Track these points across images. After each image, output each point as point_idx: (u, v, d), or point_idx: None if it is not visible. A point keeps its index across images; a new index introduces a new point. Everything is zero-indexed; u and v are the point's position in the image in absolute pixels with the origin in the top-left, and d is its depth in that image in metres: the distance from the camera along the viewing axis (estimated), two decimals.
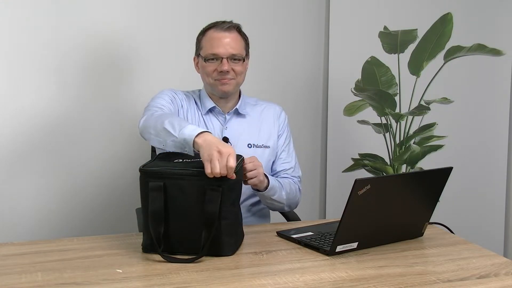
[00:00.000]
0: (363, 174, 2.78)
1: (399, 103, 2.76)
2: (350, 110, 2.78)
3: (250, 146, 1.98)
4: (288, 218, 2.09)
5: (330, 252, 1.53)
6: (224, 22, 1.93)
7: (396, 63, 2.74)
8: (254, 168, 1.77)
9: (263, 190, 1.85)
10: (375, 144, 2.79)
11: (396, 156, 2.80)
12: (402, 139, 2.79)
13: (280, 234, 1.72)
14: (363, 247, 1.58)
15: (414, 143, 2.79)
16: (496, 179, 2.80)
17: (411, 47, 2.73)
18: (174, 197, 1.50)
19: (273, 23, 2.69)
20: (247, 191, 1.89)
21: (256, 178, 1.78)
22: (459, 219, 2.51)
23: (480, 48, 2.72)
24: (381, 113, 2.77)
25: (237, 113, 2.00)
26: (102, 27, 2.43)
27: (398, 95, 2.75)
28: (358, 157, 2.80)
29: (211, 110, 1.99)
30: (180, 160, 1.57)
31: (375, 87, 2.75)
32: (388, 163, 2.80)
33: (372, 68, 2.74)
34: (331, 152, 2.81)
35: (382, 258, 1.53)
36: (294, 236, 1.68)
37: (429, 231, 1.74)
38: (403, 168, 2.80)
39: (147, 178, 1.51)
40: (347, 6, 2.73)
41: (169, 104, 1.90)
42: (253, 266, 1.47)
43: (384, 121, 2.78)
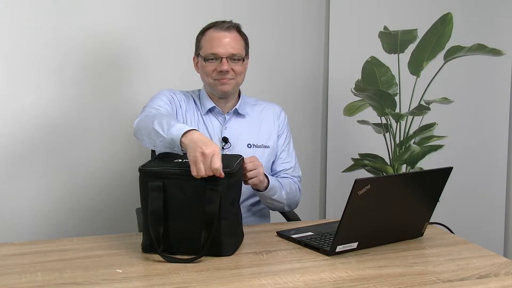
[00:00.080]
0: (363, 174, 2.78)
1: (399, 103, 2.76)
2: (350, 110, 2.78)
3: (249, 146, 1.98)
4: (288, 218, 2.09)
5: (330, 252, 1.53)
6: (224, 22, 1.93)
7: (396, 63, 2.74)
8: (254, 168, 1.77)
9: (263, 190, 1.85)
10: (375, 144, 2.79)
11: (396, 156, 2.80)
12: (402, 139, 2.79)
13: (280, 234, 1.72)
14: (363, 247, 1.58)
15: (414, 143, 2.79)
16: (496, 179, 2.80)
17: (411, 47, 2.73)
18: (174, 197, 1.50)
19: (273, 23, 2.69)
20: (247, 191, 1.89)
21: (256, 178, 1.78)
22: (459, 219, 2.51)
23: (480, 48, 2.72)
24: (381, 113, 2.77)
25: (236, 113, 2.00)
26: (102, 27, 2.43)
27: (398, 95, 2.75)
28: (358, 157, 2.80)
29: (210, 110, 1.99)
30: (180, 160, 1.57)
31: (375, 87, 2.75)
32: (388, 163, 2.80)
33: (372, 68, 2.74)
34: (331, 152, 2.81)
35: (382, 258, 1.53)
36: (294, 236, 1.68)
37: (429, 231, 1.74)
38: (403, 168, 2.80)
39: (147, 178, 1.51)
40: (347, 6, 2.73)
41: (166, 105, 1.89)
42: (253, 266, 1.47)
43: (384, 121, 2.78)
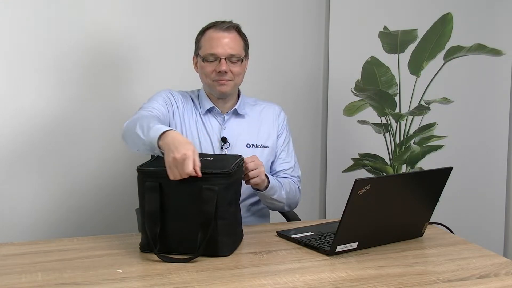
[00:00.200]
0: (363, 174, 2.78)
1: (399, 103, 2.76)
2: (350, 110, 2.78)
3: (249, 146, 1.98)
4: (288, 218, 2.09)
5: (330, 252, 1.53)
6: (223, 22, 1.92)
7: (396, 63, 2.74)
8: (256, 167, 1.77)
9: (263, 189, 1.85)
10: (375, 144, 2.79)
11: (396, 156, 2.80)
12: (402, 139, 2.79)
13: (280, 234, 1.72)
14: (363, 247, 1.58)
15: (414, 143, 2.79)
16: (496, 179, 2.80)
17: (411, 47, 2.73)
18: (171, 197, 1.49)
19: (273, 23, 2.69)
20: (246, 190, 1.89)
21: (258, 177, 1.78)
22: (459, 219, 2.51)
23: (480, 48, 2.72)
24: (381, 113, 2.77)
25: (236, 113, 2.00)
26: (102, 27, 2.43)
27: (398, 95, 2.75)
28: (358, 157, 2.80)
29: (209, 111, 1.99)
30: None
31: (375, 87, 2.75)
32: (388, 163, 2.80)
33: (372, 68, 2.74)
34: (331, 152, 2.81)
35: (382, 258, 1.53)
36: (294, 236, 1.68)
37: (429, 231, 1.74)
38: (403, 168, 2.80)
39: (144, 177, 1.51)
40: (347, 6, 2.72)
41: (162, 107, 1.90)
42: (253, 266, 1.47)
43: (384, 121, 2.78)
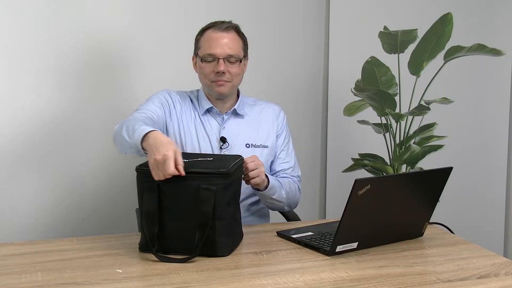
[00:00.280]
0: (363, 174, 2.78)
1: (399, 103, 2.76)
2: (350, 110, 2.78)
3: (248, 146, 1.97)
4: (288, 218, 2.09)
5: (330, 252, 1.53)
6: (223, 22, 1.92)
7: (396, 63, 2.74)
8: (256, 167, 1.77)
9: (263, 189, 1.85)
10: (375, 144, 2.79)
11: (396, 156, 2.80)
12: (402, 139, 2.79)
13: (280, 234, 1.72)
14: (363, 247, 1.58)
15: (414, 143, 2.79)
16: (496, 179, 2.80)
17: (411, 47, 2.73)
18: (169, 197, 1.49)
19: (273, 23, 2.69)
20: (246, 190, 1.89)
21: (258, 177, 1.78)
22: (459, 219, 2.51)
23: (480, 48, 2.72)
24: (381, 113, 2.77)
25: (235, 113, 2.00)
26: (102, 27, 2.43)
27: (398, 95, 2.75)
28: (358, 157, 2.80)
29: (208, 111, 1.99)
30: None
31: (375, 87, 2.75)
32: (388, 163, 2.80)
33: (372, 68, 2.74)
34: (331, 152, 2.81)
35: (382, 258, 1.53)
36: (294, 236, 1.68)
37: (429, 231, 1.74)
38: (403, 168, 2.80)
39: (143, 177, 1.51)
40: (347, 6, 2.72)
41: (157, 108, 1.90)
42: (253, 266, 1.47)
43: (384, 121, 2.78)
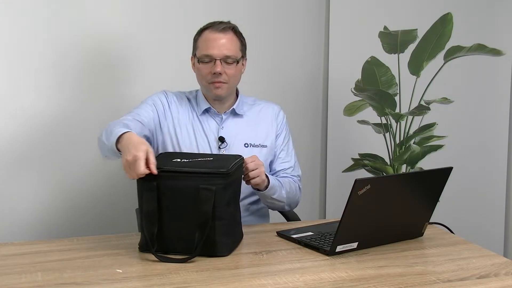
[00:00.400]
0: (363, 174, 2.78)
1: (399, 103, 2.76)
2: (350, 110, 2.78)
3: (246, 145, 1.97)
4: (288, 218, 2.09)
5: (330, 252, 1.53)
6: (221, 23, 1.92)
7: (396, 63, 2.74)
8: (256, 167, 1.76)
9: (263, 189, 1.85)
10: (375, 144, 2.79)
11: (396, 156, 2.80)
12: (402, 139, 2.79)
13: (280, 234, 1.72)
14: (363, 247, 1.58)
15: (414, 143, 2.79)
16: (496, 179, 2.80)
17: (411, 47, 2.73)
18: (169, 197, 1.49)
19: (273, 23, 2.69)
20: (245, 190, 1.88)
21: (258, 177, 1.78)
22: (459, 219, 2.51)
23: (480, 48, 2.72)
24: (381, 113, 2.77)
25: (234, 113, 2.00)
26: (102, 27, 2.43)
27: (398, 95, 2.75)
28: (358, 157, 2.80)
29: (207, 111, 1.98)
30: (179, 160, 1.57)
31: (375, 87, 2.75)
32: (388, 163, 2.80)
33: (372, 68, 2.74)
34: (331, 152, 2.81)
35: (382, 258, 1.53)
36: (294, 236, 1.68)
37: (429, 231, 1.74)
38: (403, 168, 2.80)
39: (142, 177, 1.51)
40: (347, 6, 2.72)
41: (149, 110, 1.91)
42: (253, 266, 1.47)
43: (384, 121, 2.78)
